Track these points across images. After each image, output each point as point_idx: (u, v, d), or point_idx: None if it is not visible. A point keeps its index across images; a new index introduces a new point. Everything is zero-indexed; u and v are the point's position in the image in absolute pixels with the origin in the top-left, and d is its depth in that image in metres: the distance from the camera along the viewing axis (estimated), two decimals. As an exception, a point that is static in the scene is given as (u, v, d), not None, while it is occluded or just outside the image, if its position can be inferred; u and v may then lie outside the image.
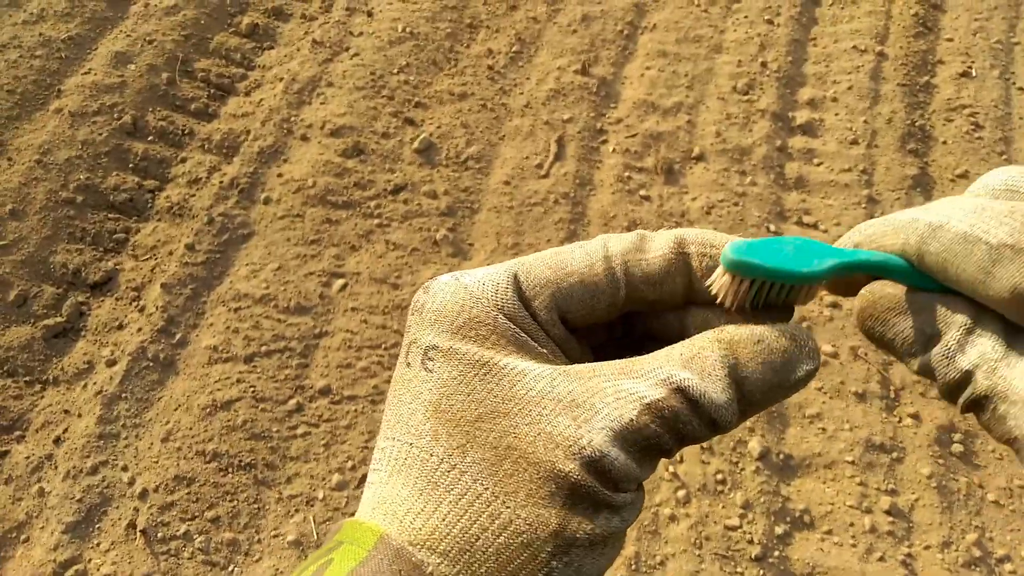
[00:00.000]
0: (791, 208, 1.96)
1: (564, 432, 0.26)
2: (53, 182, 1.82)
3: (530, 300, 0.29)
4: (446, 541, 0.26)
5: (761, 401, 0.28)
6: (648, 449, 0.27)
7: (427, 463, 0.27)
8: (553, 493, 0.26)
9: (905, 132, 2.12)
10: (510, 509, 0.26)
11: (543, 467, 0.26)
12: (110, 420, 1.52)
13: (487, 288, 0.29)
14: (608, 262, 0.30)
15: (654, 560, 1.41)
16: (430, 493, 0.27)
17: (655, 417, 0.26)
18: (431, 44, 2.23)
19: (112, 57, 2.07)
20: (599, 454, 0.26)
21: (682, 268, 0.30)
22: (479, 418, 0.27)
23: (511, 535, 0.26)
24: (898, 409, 1.63)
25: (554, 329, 0.30)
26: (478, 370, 0.28)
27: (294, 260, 1.78)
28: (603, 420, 0.26)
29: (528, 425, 0.27)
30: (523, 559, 0.26)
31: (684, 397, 0.26)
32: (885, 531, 1.47)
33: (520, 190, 1.93)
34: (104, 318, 1.67)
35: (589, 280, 0.30)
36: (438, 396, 0.28)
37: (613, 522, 0.27)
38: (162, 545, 1.39)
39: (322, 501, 1.46)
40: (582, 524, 0.26)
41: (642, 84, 2.18)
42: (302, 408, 1.56)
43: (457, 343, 0.28)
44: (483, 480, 0.26)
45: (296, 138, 2.00)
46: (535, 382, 0.27)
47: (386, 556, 0.25)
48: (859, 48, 2.32)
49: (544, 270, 0.30)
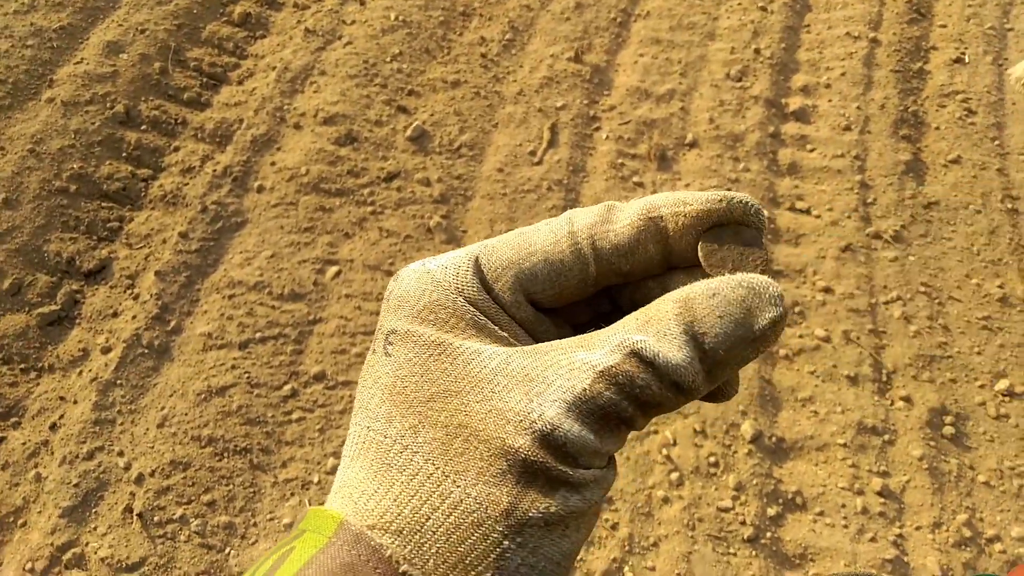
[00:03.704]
0: (784, 194, 1.97)
1: (515, 407, 0.25)
2: (46, 171, 1.82)
3: (492, 283, 0.29)
4: (398, 521, 0.25)
5: (727, 358, 0.26)
6: (606, 419, 0.25)
7: (382, 445, 0.27)
8: (504, 471, 0.25)
9: (898, 118, 2.12)
10: (460, 488, 0.25)
11: (493, 444, 0.25)
12: (106, 406, 1.52)
13: (448, 272, 0.29)
14: (573, 237, 0.29)
15: (647, 541, 1.42)
16: (384, 475, 0.26)
17: (609, 384, 0.25)
18: (424, 32, 2.23)
19: (104, 46, 2.06)
20: (550, 427, 0.25)
21: (654, 234, 0.29)
22: (431, 398, 0.27)
23: (461, 514, 0.25)
24: (890, 392, 1.64)
25: (520, 311, 0.29)
26: (433, 351, 0.27)
27: (288, 247, 1.78)
28: (555, 392, 0.25)
29: (480, 402, 0.26)
30: (474, 539, 0.25)
31: (639, 360, 0.25)
32: (877, 512, 1.48)
33: (513, 177, 1.94)
34: (99, 306, 1.67)
35: (554, 258, 0.29)
36: (394, 379, 0.28)
37: (571, 501, 0.25)
38: (158, 529, 1.40)
39: (317, 485, 1.47)
40: (535, 503, 0.25)
41: (635, 71, 2.18)
42: (297, 393, 1.57)
43: (415, 326, 0.28)
44: (434, 460, 0.26)
45: (289, 126, 2.00)
46: (489, 360, 0.27)
47: (346, 542, 0.25)
48: (852, 34, 2.32)
49: (506, 251, 0.29)
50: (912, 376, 1.66)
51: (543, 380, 0.26)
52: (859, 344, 1.70)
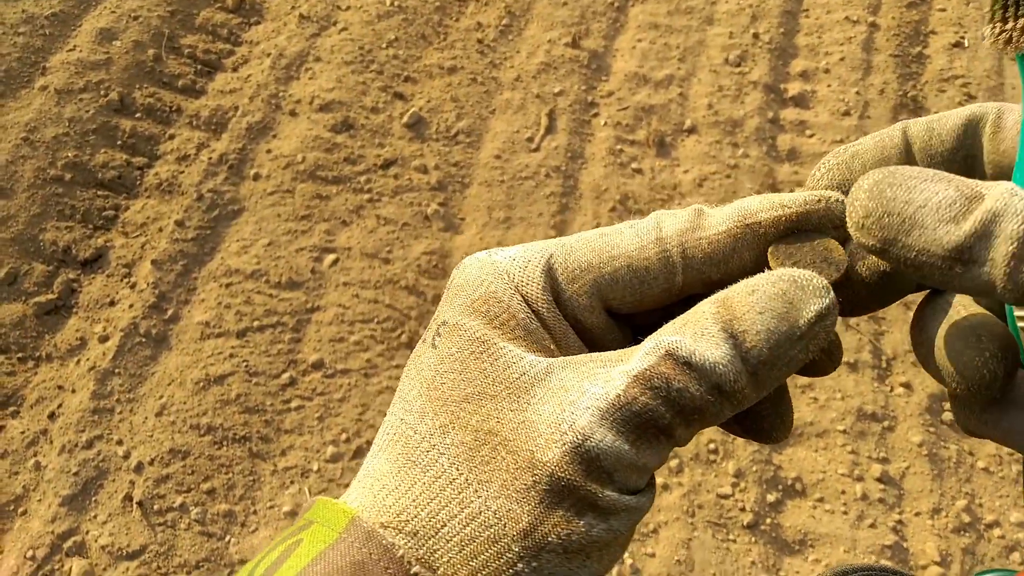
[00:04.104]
0: (783, 180, 1.96)
1: (547, 418, 0.24)
2: (41, 160, 1.81)
3: (567, 284, 0.27)
4: (413, 523, 0.24)
5: (771, 357, 0.24)
6: (642, 428, 0.24)
7: (411, 440, 0.26)
8: (529, 487, 0.24)
9: (897, 103, 2.11)
10: (481, 499, 0.24)
11: (522, 456, 0.24)
12: (104, 395, 1.52)
13: (515, 263, 0.27)
14: (661, 244, 0.27)
15: (647, 528, 1.43)
16: (407, 471, 0.25)
17: (645, 388, 0.23)
18: (420, 18, 2.21)
19: (97, 33, 2.04)
20: (581, 437, 0.23)
21: (751, 241, 0.27)
22: (466, 398, 0.26)
23: (478, 527, 0.24)
24: (889, 378, 1.65)
25: (594, 316, 0.28)
26: (475, 348, 0.26)
27: (285, 236, 1.77)
28: (588, 400, 0.24)
29: (514, 411, 0.25)
30: (488, 555, 0.24)
31: (675, 361, 0.24)
32: (876, 498, 1.48)
33: (511, 164, 1.93)
34: (95, 295, 1.67)
35: (638, 265, 0.27)
36: (434, 372, 0.27)
37: (596, 529, 0.24)
38: (158, 517, 1.40)
39: (316, 473, 1.47)
40: (557, 527, 0.23)
41: (633, 56, 2.17)
42: (295, 382, 1.57)
43: (465, 318, 0.27)
44: (459, 464, 0.25)
45: (285, 113, 1.98)
46: (530, 367, 0.25)
47: (357, 538, 0.24)
48: (851, 19, 2.31)
49: (586, 253, 0.28)
50: (912, 362, 1.66)
51: (579, 390, 0.24)
52: (858, 330, 1.70)
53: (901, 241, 0.23)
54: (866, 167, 0.28)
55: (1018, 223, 0.21)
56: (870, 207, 0.24)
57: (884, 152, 0.28)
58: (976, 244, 0.22)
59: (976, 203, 0.22)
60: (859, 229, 0.24)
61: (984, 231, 0.21)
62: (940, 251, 0.22)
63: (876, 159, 0.28)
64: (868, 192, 0.24)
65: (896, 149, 0.28)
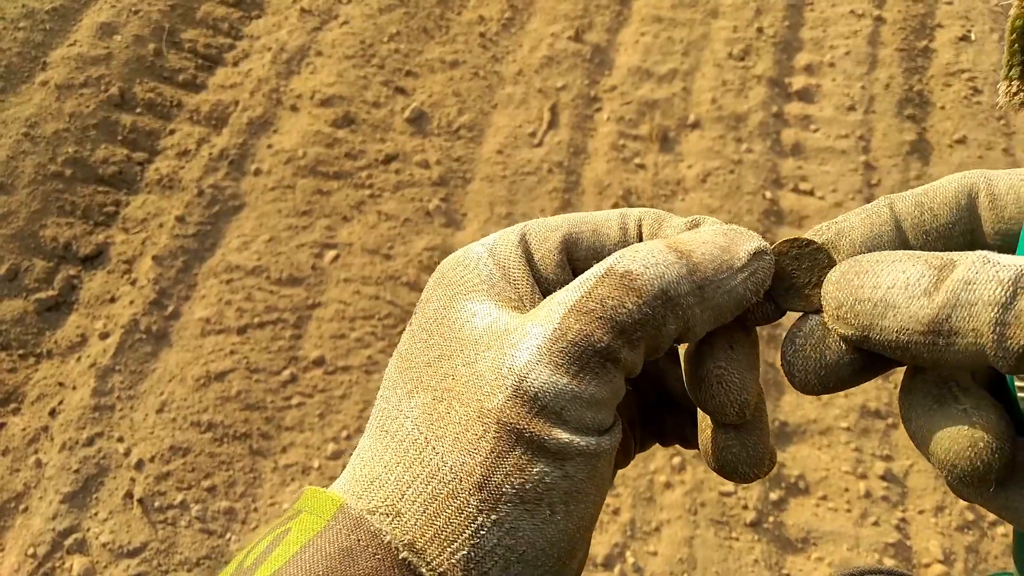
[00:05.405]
0: (787, 175, 1.95)
1: (492, 365, 0.24)
2: (41, 155, 1.80)
3: (538, 245, 0.28)
4: (384, 488, 0.24)
5: (716, 277, 0.24)
6: (582, 358, 0.23)
7: (384, 411, 0.26)
8: (480, 436, 0.23)
9: (903, 97, 2.10)
10: (439, 455, 0.24)
11: (472, 407, 0.24)
12: (105, 392, 1.52)
13: (488, 239, 0.28)
14: (623, 218, 0.29)
15: (649, 526, 1.42)
16: (379, 440, 0.26)
17: (579, 315, 0.23)
18: (421, 11, 2.20)
19: (97, 28, 2.04)
20: (519, 377, 0.23)
21: None
22: (429, 362, 0.26)
23: (438, 484, 0.23)
24: (893, 376, 1.64)
25: (563, 275, 0.28)
26: (438, 314, 0.27)
27: (285, 231, 1.76)
28: (529, 340, 0.23)
29: (465, 365, 0.25)
30: (450, 512, 0.23)
31: (613, 277, 0.24)
32: (880, 496, 1.48)
33: (513, 159, 1.92)
34: (96, 291, 1.66)
35: (603, 230, 0.29)
36: (407, 346, 0.27)
37: (551, 476, 0.23)
38: (159, 514, 1.40)
39: (317, 470, 1.46)
40: (510, 476, 0.23)
41: (636, 50, 2.15)
42: (296, 379, 1.56)
43: (435, 291, 0.27)
44: (419, 425, 0.25)
45: (285, 108, 1.97)
46: (481, 320, 0.25)
47: (345, 526, 0.24)
48: (856, 12, 2.28)
49: (558, 220, 0.29)
50: (916, 359, 1.65)
51: (520, 331, 0.24)
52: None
53: (878, 325, 0.23)
54: (855, 246, 0.27)
55: (993, 288, 0.20)
56: (841, 298, 0.24)
57: (874, 230, 0.27)
58: (953, 314, 0.21)
59: (947, 272, 0.21)
60: (836, 321, 0.24)
61: (957, 300, 0.21)
62: (919, 327, 0.22)
63: (867, 237, 0.27)
64: (836, 284, 0.24)
65: (887, 226, 0.27)
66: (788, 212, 1.88)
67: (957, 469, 0.22)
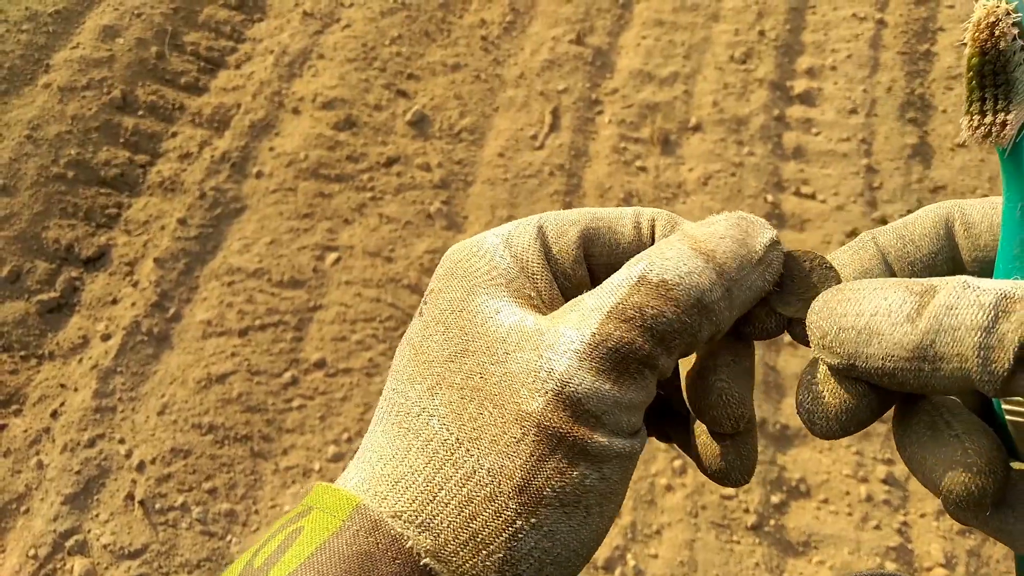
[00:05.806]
0: (789, 178, 1.95)
1: (527, 367, 0.24)
2: (44, 157, 1.81)
3: (556, 239, 0.28)
4: (411, 490, 0.24)
5: (740, 276, 0.25)
6: (623, 363, 0.23)
7: (402, 408, 0.26)
8: (519, 440, 0.23)
9: (905, 101, 2.10)
10: (473, 458, 0.23)
11: (508, 409, 0.23)
12: (106, 394, 1.52)
13: (503, 229, 0.28)
14: (637, 216, 0.29)
15: (650, 529, 1.42)
16: (401, 439, 0.25)
17: (619, 322, 0.23)
18: (423, 15, 2.20)
19: (100, 31, 2.04)
20: (562, 382, 0.23)
21: None
22: (450, 358, 0.25)
23: (474, 487, 0.23)
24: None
25: (580, 270, 0.28)
26: (455, 307, 0.26)
27: (287, 234, 1.77)
28: (565, 343, 0.23)
29: (495, 364, 0.24)
30: (487, 515, 0.23)
31: (648, 286, 0.24)
32: (881, 500, 1.47)
33: (515, 162, 1.92)
34: (98, 293, 1.67)
35: (618, 227, 0.29)
36: (420, 338, 0.27)
37: (591, 479, 0.23)
38: (160, 516, 1.40)
39: (318, 472, 1.46)
40: (551, 479, 0.23)
41: (638, 54, 2.15)
42: (297, 381, 1.56)
43: (447, 281, 0.27)
44: (448, 424, 0.24)
45: (287, 111, 1.98)
46: (506, 319, 0.25)
47: (362, 527, 0.23)
48: (858, 16, 2.29)
49: (574, 214, 0.29)
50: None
51: (554, 333, 0.24)
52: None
53: (863, 353, 0.23)
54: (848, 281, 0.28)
55: (975, 313, 0.20)
56: (825, 327, 0.24)
57: (864, 264, 0.28)
58: (937, 339, 0.21)
59: (928, 298, 0.22)
60: (822, 351, 0.24)
61: (940, 325, 0.21)
62: (904, 353, 0.22)
63: (859, 272, 0.28)
64: (819, 314, 0.24)
65: (875, 260, 0.28)
66: (790, 215, 1.88)
67: (953, 495, 0.22)
